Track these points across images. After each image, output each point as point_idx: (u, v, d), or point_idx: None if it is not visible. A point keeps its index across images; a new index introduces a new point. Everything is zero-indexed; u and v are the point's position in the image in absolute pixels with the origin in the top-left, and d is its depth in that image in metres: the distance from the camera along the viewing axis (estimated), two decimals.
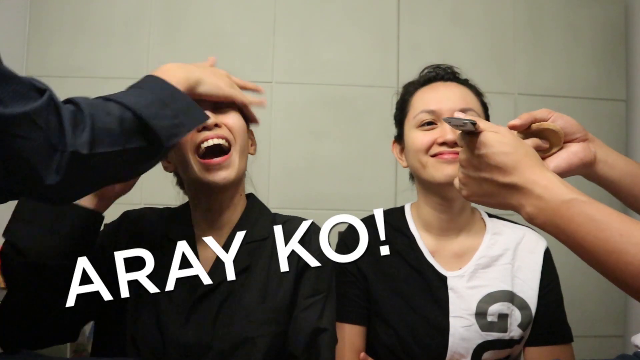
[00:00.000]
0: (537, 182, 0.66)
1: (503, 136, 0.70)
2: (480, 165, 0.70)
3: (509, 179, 0.68)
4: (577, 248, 0.65)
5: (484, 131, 0.70)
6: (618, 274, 0.61)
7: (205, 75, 0.92)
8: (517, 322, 1.03)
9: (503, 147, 0.69)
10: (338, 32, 1.80)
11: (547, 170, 0.69)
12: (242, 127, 1.00)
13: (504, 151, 0.68)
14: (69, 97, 0.80)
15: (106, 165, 0.74)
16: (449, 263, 1.07)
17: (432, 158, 1.04)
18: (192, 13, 1.77)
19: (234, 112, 1.00)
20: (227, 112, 1.00)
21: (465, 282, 1.05)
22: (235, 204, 1.03)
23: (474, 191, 0.73)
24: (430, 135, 1.04)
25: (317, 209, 1.73)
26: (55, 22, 1.72)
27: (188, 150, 0.95)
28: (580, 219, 0.63)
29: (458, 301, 1.04)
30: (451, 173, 1.00)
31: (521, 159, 0.68)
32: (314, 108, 1.77)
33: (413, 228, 1.12)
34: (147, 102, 0.79)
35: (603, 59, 1.87)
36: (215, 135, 0.95)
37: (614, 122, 1.85)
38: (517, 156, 0.68)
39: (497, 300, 1.03)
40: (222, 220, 1.02)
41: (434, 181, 1.04)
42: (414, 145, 1.06)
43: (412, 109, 1.09)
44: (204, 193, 1.00)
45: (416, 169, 1.08)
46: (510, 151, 0.68)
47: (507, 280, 1.05)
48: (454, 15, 1.84)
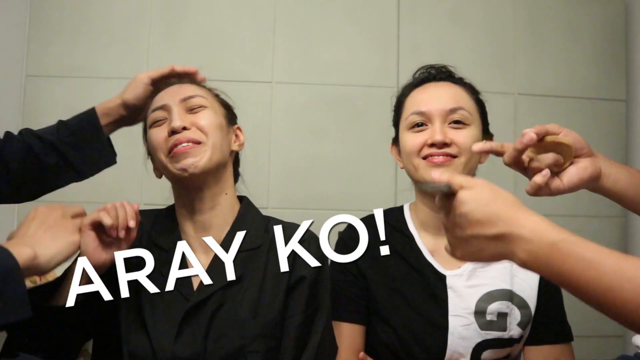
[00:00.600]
0: (524, 226, 0.65)
1: (479, 191, 0.69)
2: (464, 223, 0.69)
3: (495, 230, 0.67)
4: (574, 290, 0.64)
5: (460, 190, 0.70)
6: (617, 312, 0.61)
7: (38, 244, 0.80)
8: (516, 321, 1.04)
9: (481, 200, 0.68)
10: (338, 32, 1.80)
11: (532, 213, 0.67)
12: (215, 124, 0.99)
13: (483, 204, 0.68)
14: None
15: None
16: (448, 262, 1.07)
17: (423, 160, 1.04)
18: (192, 13, 1.77)
19: (206, 110, 1.00)
20: (198, 111, 0.99)
21: (465, 281, 1.05)
22: (220, 203, 1.00)
23: (465, 251, 0.71)
24: (421, 137, 1.05)
25: (317, 209, 1.73)
26: (55, 22, 1.72)
27: (161, 155, 0.97)
28: (572, 260, 0.62)
29: (457, 300, 1.04)
30: None
31: (501, 207, 0.67)
32: (314, 108, 1.77)
33: (412, 227, 1.12)
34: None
35: (603, 59, 1.87)
36: (185, 139, 0.95)
37: (614, 122, 1.85)
38: (497, 206, 0.68)
39: (496, 299, 1.03)
40: (207, 222, 0.99)
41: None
42: (405, 147, 1.07)
43: (405, 111, 1.10)
44: (182, 189, 0.99)
45: (409, 171, 1.09)
46: (489, 202, 0.68)
47: (506, 279, 1.05)
48: (454, 15, 1.83)
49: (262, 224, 1.03)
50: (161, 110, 1.00)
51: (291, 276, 0.95)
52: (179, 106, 0.99)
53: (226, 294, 0.94)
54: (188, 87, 1.03)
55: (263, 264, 0.97)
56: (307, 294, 0.96)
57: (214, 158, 0.97)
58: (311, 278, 0.96)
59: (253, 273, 0.96)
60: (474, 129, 1.07)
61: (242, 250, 0.92)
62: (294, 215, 1.68)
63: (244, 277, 0.95)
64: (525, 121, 1.79)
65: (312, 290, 0.97)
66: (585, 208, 1.81)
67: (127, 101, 1.06)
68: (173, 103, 0.99)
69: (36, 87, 1.70)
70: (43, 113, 1.67)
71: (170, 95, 1.01)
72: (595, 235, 1.80)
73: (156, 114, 1.00)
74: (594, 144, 0.95)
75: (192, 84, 1.05)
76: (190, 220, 1.00)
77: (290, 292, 0.96)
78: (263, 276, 0.96)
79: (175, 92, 1.02)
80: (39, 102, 1.70)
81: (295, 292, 0.96)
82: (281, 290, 0.96)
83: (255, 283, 0.96)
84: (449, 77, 1.12)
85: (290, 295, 0.96)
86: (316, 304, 0.97)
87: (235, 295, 0.94)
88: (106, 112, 1.07)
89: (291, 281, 0.96)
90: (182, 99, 1.00)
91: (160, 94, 1.03)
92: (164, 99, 1.01)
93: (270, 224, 1.01)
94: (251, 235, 0.98)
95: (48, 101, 1.69)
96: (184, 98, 1.00)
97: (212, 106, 1.02)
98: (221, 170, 1.00)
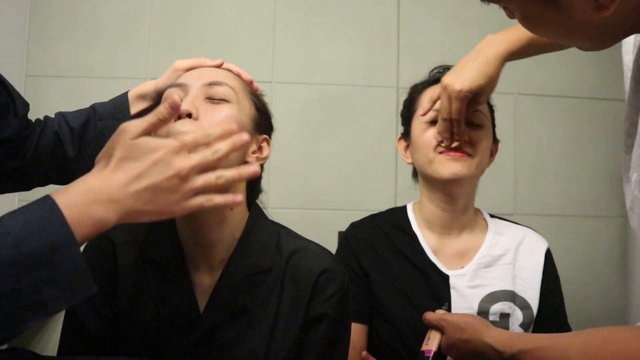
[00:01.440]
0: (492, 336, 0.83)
1: (449, 337, 0.89)
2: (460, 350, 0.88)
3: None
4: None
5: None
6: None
7: (140, 204, 0.60)
8: (518, 321, 1.04)
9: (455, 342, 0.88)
10: (338, 32, 1.80)
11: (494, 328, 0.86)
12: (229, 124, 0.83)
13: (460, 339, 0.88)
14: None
15: None
16: (451, 262, 1.07)
17: (439, 155, 1.05)
18: (192, 13, 1.76)
19: (227, 106, 0.82)
20: (217, 104, 0.82)
21: (467, 281, 1.05)
22: (226, 218, 0.83)
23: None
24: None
25: (317, 208, 1.73)
26: (55, 22, 1.72)
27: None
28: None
29: (460, 300, 1.04)
30: (456, 170, 1.03)
31: (473, 332, 0.86)
32: (314, 108, 1.77)
33: (415, 227, 1.12)
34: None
35: (603, 58, 1.86)
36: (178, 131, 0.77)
37: (614, 122, 1.84)
38: (469, 331, 0.86)
39: (498, 300, 1.03)
40: (211, 238, 0.83)
41: (439, 177, 1.05)
42: (423, 141, 1.08)
43: (420, 107, 1.11)
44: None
45: (422, 165, 1.09)
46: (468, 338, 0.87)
47: (508, 280, 1.05)
48: (454, 15, 1.83)
49: (272, 238, 0.87)
50: (178, 89, 0.83)
51: (309, 310, 0.83)
52: (200, 90, 0.82)
53: (235, 324, 0.81)
54: (220, 72, 0.87)
55: (278, 289, 0.83)
56: (326, 329, 0.83)
57: (220, 166, 0.80)
58: (333, 317, 0.84)
59: (264, 299, 0.83)
60: (488, 131, 1.09)
61: (252, 273, 0.82)
62: (294, 215, 1.69)
63: (253, 304, 0.82)
64: (525, 121, 1.80)
65: (331, 333, 0.84)
66: (585, 208, 1.82)
67: (160, 89, 0.94)
68: (194, 84, 0.83)
69: (36, 87, 1.70)
70: (43, 113, 1.66)
71: (195, 75, 0.86)
72: (595, 235, 1.81)
73: (172, 91, 0.84)
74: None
75: (229, 70, 0.90)
76: (192, 236, 0.84)
77: (309, 326, 0.83)
78: (277, 307, 0.83)
79: (201, 74, 0.86)
80: (39, 102, 1.69)
81: (316, 326, 0.83)
82: (298, 323, 0.83)
83: (268, 312, 0.82)
84: None
85: (310, 328, 0.83)
86: (339, 340, 0.86)
87: (245, 326, 0.81)
88: (142, 94, 0.97)
89: (308, 317, 0.83)
90: (207, 84, 0.82)
91: (189, 72, 0.89)
92: (186, 78, 0.86)
93: (282, 239, 0.87)
94: (262, 255, 0.84)
95: (48, 101, 1.69)
96: (209, 83, 0.83)
97: (240, 103, 0.83)
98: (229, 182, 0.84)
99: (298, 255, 0.85)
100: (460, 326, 0.88)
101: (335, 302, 0.83)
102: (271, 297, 0.83)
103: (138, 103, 0.97)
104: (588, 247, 1.80)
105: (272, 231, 0.88)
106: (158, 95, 0.95)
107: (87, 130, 0.95)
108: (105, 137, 0.78)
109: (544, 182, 1.81)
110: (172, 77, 0.91)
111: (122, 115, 0.95)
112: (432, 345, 0.91)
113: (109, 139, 0.63)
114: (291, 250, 0.86)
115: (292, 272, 0.84)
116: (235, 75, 0.89)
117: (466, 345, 0.86)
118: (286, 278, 0.84)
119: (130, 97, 0.97)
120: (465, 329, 0.87)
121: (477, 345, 0.84)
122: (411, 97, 1.16)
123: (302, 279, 0.83)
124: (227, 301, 0.81)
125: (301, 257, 0.85)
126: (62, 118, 0.98)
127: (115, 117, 0.94)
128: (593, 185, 1.82)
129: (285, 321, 0.82)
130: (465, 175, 1.03)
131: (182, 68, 0.91)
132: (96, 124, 0.95)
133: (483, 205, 1.17)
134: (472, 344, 0.85)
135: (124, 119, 0.92)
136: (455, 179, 1.03)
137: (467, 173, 1.03)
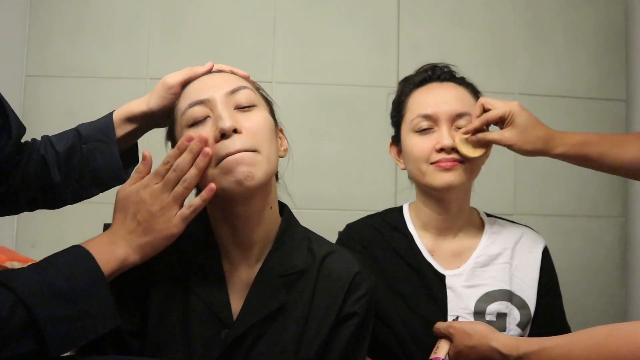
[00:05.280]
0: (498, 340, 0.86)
1: (456, 344, 0.91)
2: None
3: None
4: None
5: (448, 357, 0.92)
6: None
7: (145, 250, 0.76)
8: (515, 321, 1.03)
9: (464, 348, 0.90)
10: (338, 32, 1.80)
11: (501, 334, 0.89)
12: (268, 128, 0.82)
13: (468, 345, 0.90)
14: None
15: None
16: (447, 262, 1.07)
17: (431, 166, 1.03)
18: (192, 13, 1.77)
19: (257, 110, 0.82)
20: (248, 111, 0.81)
21: (464, 281, 1.05)
22: (265, 218, 0.86)
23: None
24: (428, 142, 1.04)
25: (317, 208, 1.73)
26: (55, 22, 1.72)
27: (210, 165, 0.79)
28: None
29: (456, 300, 1.04)
30: (449, 180, 1.01)
31: (479, 339, 0.88)
32: (314, 108, 1.77)
33: (411, 227, 1.12)
34: (48, 294, 0.64)
35: (603, 59, 1.87)
36: (236, 149, 0.77)
37: (614, 122, 1.85)
38: (476, 337, 0.89)
39: (495, 300, 1.03)
40: (250, 238, 0.85)
41: (433, 187, 1.04)
42: (412, 153, 1.06)
43: (409, 112, 1.09)
44: (227, 203, 0.82)
45: (415, 176, 1.08)
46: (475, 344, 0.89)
47: (505, 280, 1.05)
48: (454, 15, 1.84)
49: (304, 241, 0.90)
50: (201, 106, 0.81)
51: (342, 309, 0.86)
52: (225, 101, 0.81)
53: (269, 324, 0.83)
54: (231, 77, 0.86)
55: (310, 289, 0.86)
56: (355, 330, 0.86)
57: (269, 170, 0.81)
58: (361, 316, 0.87)
59: (298, 300, 0.85)
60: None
61: (286, 274, 0.85)
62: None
63: (288, 305, 0.84)
64: None
65: (357, 330, 0.87)
66: (585, 208, 1.82)
67: (153, 111, 0.91)
68: (217, 97, 0.80)
69: (36, 87, 1.70)
70: (43, 113, 1.67)
71: (213, 86, 0.83)
72: (595, 235, 1.81)
73: (195, 110, 0.81)
74: None
75: (232, 73, 0.89)
76: (231, 235, 0.86)
77: (339, 326, 0.86)
78: (310, 303, 0.85)
79: (218, 83, 0.83)
80: (38, 102, 1.70)
81: (345, 326, 0.86)
82: (329, 322, 0.85)
83: (301, 313, 0.84)
84: (452, 77, 1.10)
85: (340, 329, 0.86)
86: (364, 341, 0.89)
87: (278, 325, 0.83)
88: (129, 117, 0.94)
89: (341, 315, 0.86)
90: (229, 92, 0.81)
91: (197, 84, 0.85)
92: (205, 91, 0.82)
93: (313, 243, 0.90)
94: (296, 256, 0.87)
95: (48, 101, 1.69)
96: (232, 91, 0.81)
97: (260, 102, 0.85)
98: (270, 182, 0.85)
99: (331, 257, 0.89)
100: (467, 332, 0.90)
101: (365, 302, 0.87)
102: (303, 296, 0.86)
103: (125, 125, 0.94)
104: (588, 247, 1.81)
105: (303, 234, 0.92)
106: (150, 117, 0.93)
107: (73, 154, 0.93)
108: (90, 162, 0.92)
109: (544, 182, 1.81)
110: (164, 95, 0.89)
111: (107, 138, 0.93)
112: (440, 353, 0.92)
113: (95, 163, 0.87)
114: (324, 253, 0.89)
115: (326, 273, 0.88)
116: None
117: (473, 351, 0.88)
118: (319, 278, 0.87)
119: (115, 119, 0.94)
120: (472, 335, 0.89)
121: (484, 351, 0.86)
122: (399, 99, 1.13)
123: (337, 279, 0.87)
124: (265, 301, 0.83)
125: (334, 260, 0.89)
126: (48, 141, 0.95)
127: (100, 140, 0.93)
128: (593, 185, 1.82)
129: (318, 319, 0.85)
130: (458, 184, 1.02)
131: (175, 84, 0.88)
132: (81, 148, 0.93)
133: (483, 206, 1.17)
134: (479, 349, 0.87)
135: (109, 142, 0.92)
136: (449, 188, 1.03)
137: (460, 182, 1.02)
